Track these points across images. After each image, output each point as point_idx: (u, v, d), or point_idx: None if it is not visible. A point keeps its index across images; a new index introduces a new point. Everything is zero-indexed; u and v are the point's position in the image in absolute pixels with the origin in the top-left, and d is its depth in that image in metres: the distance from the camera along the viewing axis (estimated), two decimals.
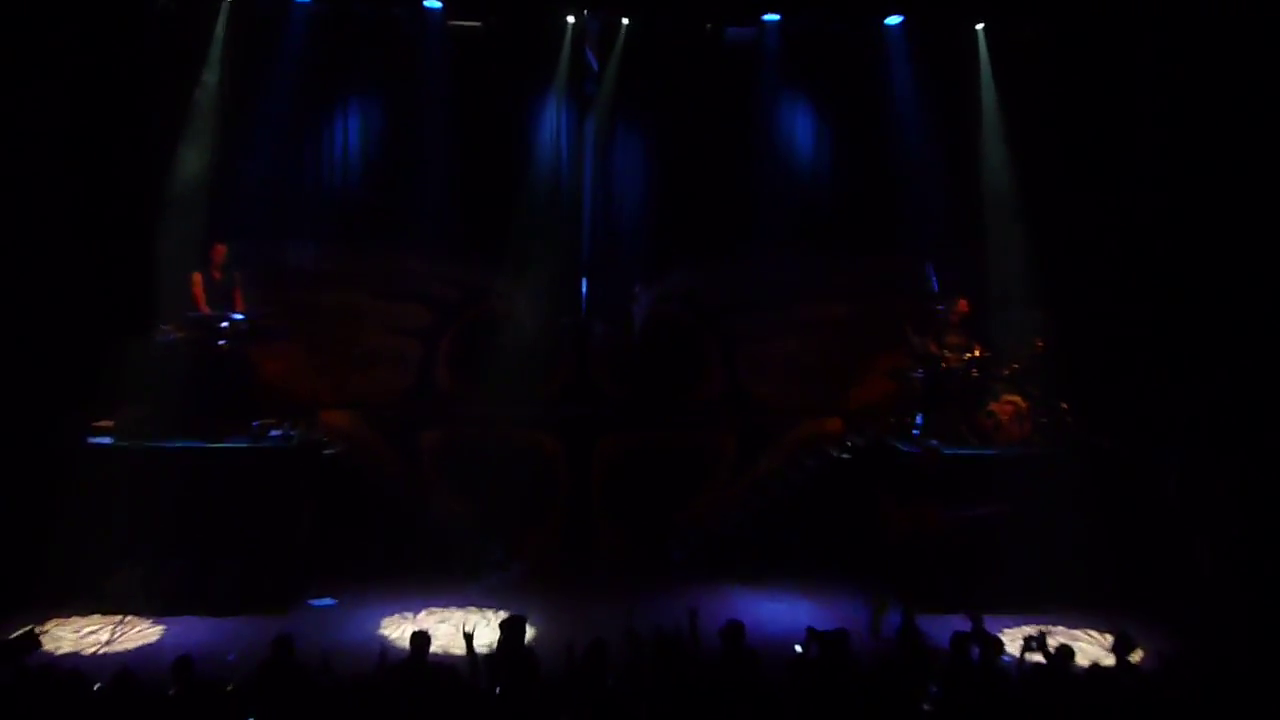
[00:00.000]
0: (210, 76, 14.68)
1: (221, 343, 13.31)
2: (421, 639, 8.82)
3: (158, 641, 11.76)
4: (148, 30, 14.49)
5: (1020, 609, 12.26)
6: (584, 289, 15.74)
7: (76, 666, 8.93)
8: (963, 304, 14.61)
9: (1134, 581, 13.23)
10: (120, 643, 11.69)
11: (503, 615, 10.69)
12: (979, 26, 15.38)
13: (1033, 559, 12.68)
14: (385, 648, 8.56)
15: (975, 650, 9.03)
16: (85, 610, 12.29)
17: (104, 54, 14.16)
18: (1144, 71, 14.73)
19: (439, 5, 15.10)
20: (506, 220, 15.50)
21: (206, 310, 13.52)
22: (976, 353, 14.38)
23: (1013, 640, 10.29)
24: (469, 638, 8.82)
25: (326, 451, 14.28)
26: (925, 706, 8.44)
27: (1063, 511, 12.94)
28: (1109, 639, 8.80)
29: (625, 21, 15.23)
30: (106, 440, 12.85)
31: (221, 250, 13.79)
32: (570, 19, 15.18)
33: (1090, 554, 12.90)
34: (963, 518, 11.76)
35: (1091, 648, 11.37)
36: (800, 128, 16.00)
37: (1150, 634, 11.17)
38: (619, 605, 12.17)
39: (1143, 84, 14.74)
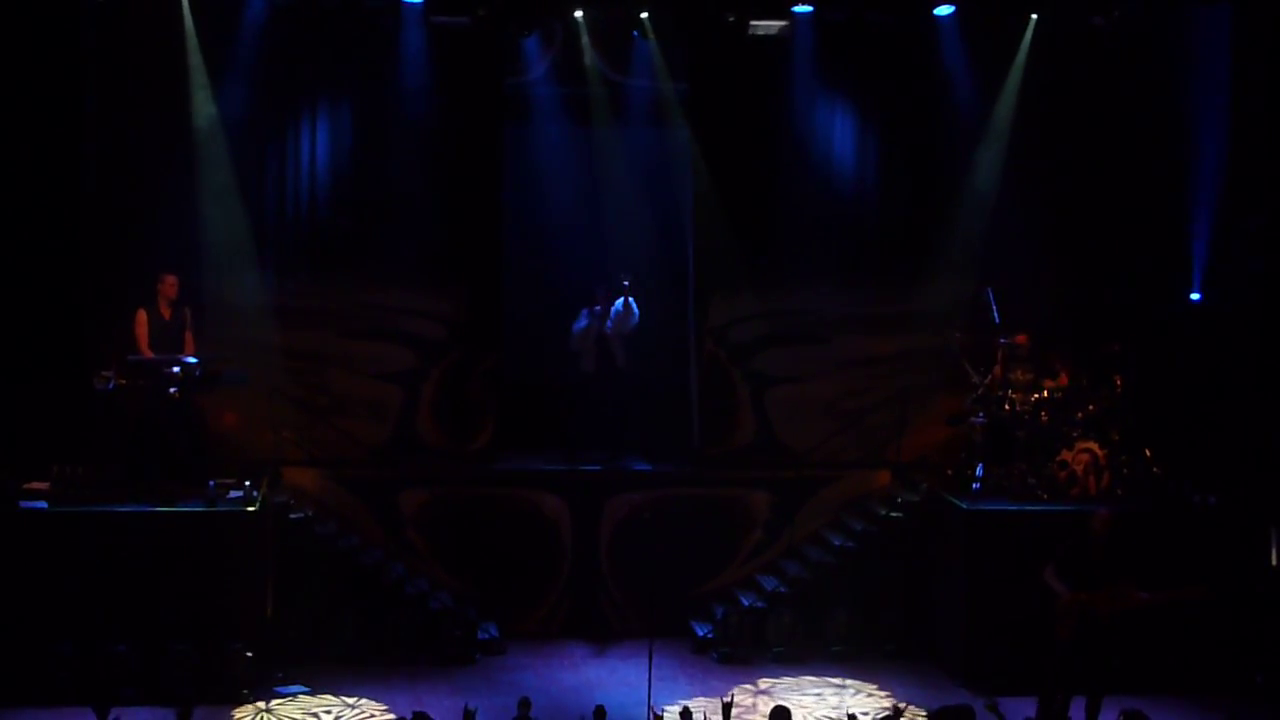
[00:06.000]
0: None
1: (171, 390, 13.43)
2: None
3: None
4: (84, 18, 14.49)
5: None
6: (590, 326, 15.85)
7: None
8: (1021, 339, 14.78)
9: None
10: None
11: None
12: (1034, 16, 15.54)
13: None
14: None
15: None
16: (13, 702, 12.34)
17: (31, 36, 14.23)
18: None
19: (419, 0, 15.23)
20: (498, 245, 15.68)
21: (150, 353, 13.64)
22: (1045, 393, 14.53)
23: None
24: (470, 716, 8.95)
25: (292, 515, 14.37)
26: None
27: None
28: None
29: (645, 15, 15.26)
30: (40, 504, 12.91)
31: (172, 282, 13.91)
32: (579, 14, 15.25)
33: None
34: (1162, 601, 11.65)
35: None
36: (839, 136, 16.06)
37: None
38: (632, 691, 12.23)
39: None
